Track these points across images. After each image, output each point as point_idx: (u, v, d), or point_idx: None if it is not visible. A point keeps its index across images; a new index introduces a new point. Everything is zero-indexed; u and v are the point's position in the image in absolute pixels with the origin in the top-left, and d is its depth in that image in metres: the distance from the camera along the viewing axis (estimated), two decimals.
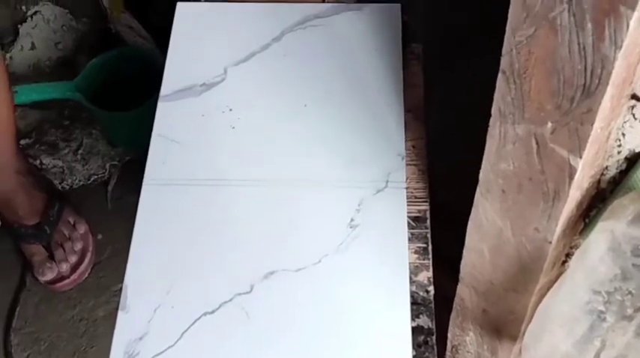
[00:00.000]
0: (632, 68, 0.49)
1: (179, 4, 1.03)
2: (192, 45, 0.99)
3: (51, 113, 1.47)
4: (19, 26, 1.53)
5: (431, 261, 0.82)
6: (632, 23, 0.44)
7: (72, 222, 1.34)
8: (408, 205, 0.85)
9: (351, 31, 1.00)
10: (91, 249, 1.34)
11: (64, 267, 1.30)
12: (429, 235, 0.83)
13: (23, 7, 1.52)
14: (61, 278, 1.30)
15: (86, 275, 1.32)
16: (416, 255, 0.82)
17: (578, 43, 0.47)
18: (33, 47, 1.54)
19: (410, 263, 0.81)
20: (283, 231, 0.83)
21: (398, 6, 1.02)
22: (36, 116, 1.47)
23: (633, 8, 0.43)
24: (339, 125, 0.91)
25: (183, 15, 1.02)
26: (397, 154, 0.88)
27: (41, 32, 1.54)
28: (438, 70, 0.98)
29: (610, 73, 0.47)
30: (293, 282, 0.80)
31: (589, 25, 0.46)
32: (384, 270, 0.80)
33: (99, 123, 1.46)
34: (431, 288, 0.80)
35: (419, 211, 0.85)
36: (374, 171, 0.87)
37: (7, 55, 1.51)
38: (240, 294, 0.79)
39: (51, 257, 1.31)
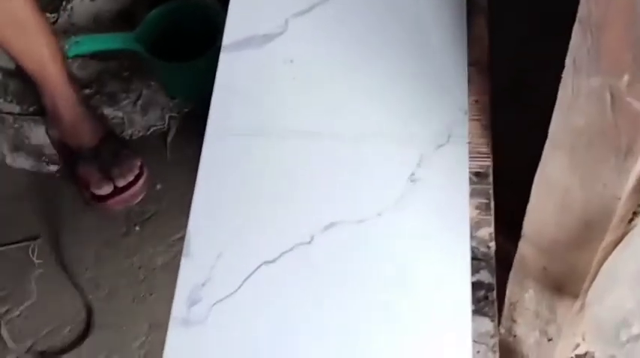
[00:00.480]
0: None
1: None
2: None
3: (111, 64, 1.49)
4: None
5: (493, 217, 0.81)
6: None
7: (128, 155, 1.39)
8: (470, 160, 0.84)
9: None
10: (145, 176, 1.38)
11: (121, 182, 1.35)
12: (491, 191, 0.83)
13: None
14: (114, 193, 1.35)
15: (139, 198, 1.36)
16: (477, 211, 0.81)
17: None
18: None
19: (471, 218, 0.80)
20: (344, 184, 0.83)
21: None
22: (96, 67, 1.49)
23: None
24: (400, 78, 0.90)
25: None
26: (459, 109, 0.87)
27: None
28: (507, 25, 0.96)
29: None
30: (352, 234, 0.80)
31: None
32: (444, 224, 0.80)
33: (158, 74, 1.47)
34: (492, 244, 0.80)
35: (481, 167, 0.84)
36: (435, 126, 0.86)
37: (68, 6, 1.53)
38: (300, 244, 0.79)
39: (107, 178, 1.36)
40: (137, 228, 1.34)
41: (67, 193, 1.39)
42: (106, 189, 1.35)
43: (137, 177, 1.37)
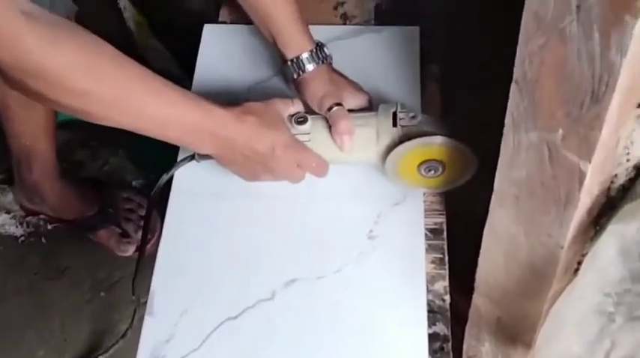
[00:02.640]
0: (637, 77, 0.52)
1: (206, 26, 1.08)
2: (218, 65, 1.03)
3: (79, 133, 1.52)
4: None
5: (447, 272, 0.84)
6: (635, 32, 0.47)
7: (127, 196, 1.40)
8: (425, 217, 0.88)
9: (371, 52, 1.04)
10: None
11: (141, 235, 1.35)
12: (445, 246, 0.86)
13: None
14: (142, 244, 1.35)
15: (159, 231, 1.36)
16: (432, 265, 0.84)
17: (587, 52, 0.51)
18: None
19: (427, 272, 0.84)
20: (305, 241, 0.86)
21: (416, 29, 1.06)
22: (65, 136, 1.51)
23: (637, 17, 0.46)
24: None
25: (209, 36, 1.07)
26: None
27: None
28: (459, 91, 1.01)
29: (616, 80, 0.50)
30: (314, 290, 0.83)
31: (596, 35, 0.49)
32: (401, 279, 0.83)
33: (125, 143, 1.51)
34: (447, 297, 0.83)
35: (435, 223, 0.88)
36: (392, 185, 0.90)
37: None
38: (262, 300, 0.82)
39: (123, 234, 1.37)
40: (102, 294, 1.35)
41: (32, 259, 1.39)
42: (131, 249, 1.36)
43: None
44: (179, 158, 0.93)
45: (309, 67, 0.92)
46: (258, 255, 0.85)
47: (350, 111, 0.89)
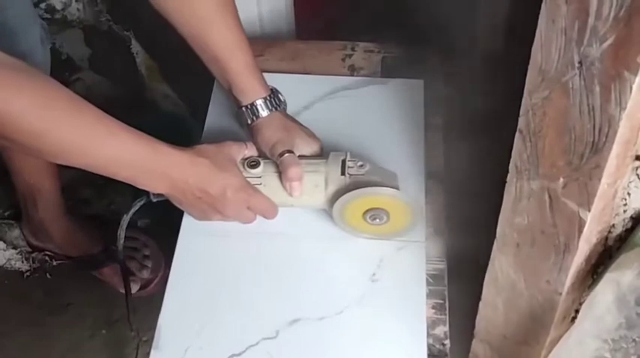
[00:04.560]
0: (636, 130, 0.55)
1: None
2: (229, 111, 1.06)
3: (85, 171, 1.53)
4: None
5: (447, 317, 0.86)
6: (634, 87, 0.50)
7: (132, 235, 1.41)
8: (426, 263, 0.90)
9: (377, 102, 1.07)
10: (157, 252, 1.40)
11: (145, 274, 1.37)
12: (445, 292, 0.88)
13: (66, 74, 1.61)
14: (146, 283, 1.37)
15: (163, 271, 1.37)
16: (433, 310, 0.86)
17: (588, 105, 0.54)
18: None
19: (427, 317, 0.85)
20: (309, 282, 0.88)
21: (421, 81, 1.09)
22: (71, 174, 1.53)
23: (636, 73, 0.49)
24: None
25: None
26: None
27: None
28: (460, 141, 1.05)
29: (616, 132, 0.53)
30: (316, 330, 0.84)
31: (597, 89, 0.52)
32: (402, 323, 0.85)
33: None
34: (447, 342, 0.84)
35: (436, 269, 0.90)
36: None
37: None
38: (265, 339, 0.83)
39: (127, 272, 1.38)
40: (104, 331, 1.36)
41: (36, 294, 1.40)
42: (135, 287, 1.36)
43: (155, 257, 1.39)
44: None
45: (263, 113, 0.95)
46: (263, 293, 0.87)
47: (301, 157, 0.92)
